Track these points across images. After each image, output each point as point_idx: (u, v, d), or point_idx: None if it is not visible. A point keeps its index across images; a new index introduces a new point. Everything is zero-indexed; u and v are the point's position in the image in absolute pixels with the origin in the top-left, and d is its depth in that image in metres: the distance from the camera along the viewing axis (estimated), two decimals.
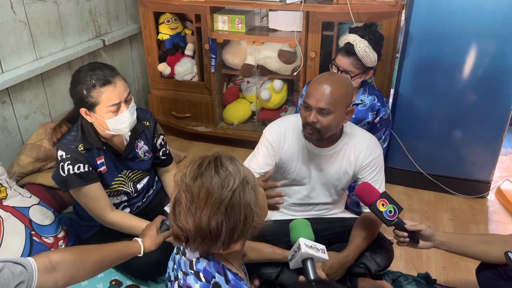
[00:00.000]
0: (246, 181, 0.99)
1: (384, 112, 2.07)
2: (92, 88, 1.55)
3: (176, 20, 2.90)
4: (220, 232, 0.95)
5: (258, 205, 1.01)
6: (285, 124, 1.74)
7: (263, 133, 1.76)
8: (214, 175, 0.96)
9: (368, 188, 1.52)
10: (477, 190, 2.47)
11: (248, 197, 0.98)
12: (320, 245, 1.26)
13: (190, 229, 0.96)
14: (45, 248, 1.83)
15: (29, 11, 2.20)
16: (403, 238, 1.48)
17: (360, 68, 1.95)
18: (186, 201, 0.96)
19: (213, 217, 0.94)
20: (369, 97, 2.07)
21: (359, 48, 1.91)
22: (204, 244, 0.98)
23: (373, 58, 1.94)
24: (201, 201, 0.95)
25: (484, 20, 2.07)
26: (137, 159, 1.83)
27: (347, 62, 1.95)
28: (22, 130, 2.26)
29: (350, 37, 1.96)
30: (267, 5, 2.53)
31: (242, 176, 0.98)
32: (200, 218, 0.94)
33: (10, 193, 1.86)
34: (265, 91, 2.82)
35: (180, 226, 0.97)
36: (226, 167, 0.98)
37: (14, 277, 1.00)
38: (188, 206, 0.96)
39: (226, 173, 0.97)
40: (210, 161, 0.99)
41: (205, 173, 0.97)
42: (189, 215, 0.96)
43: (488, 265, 1.52)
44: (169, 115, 3.10)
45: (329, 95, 1.50)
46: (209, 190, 0.95)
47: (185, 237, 0.98)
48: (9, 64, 2.13)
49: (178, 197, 0.98)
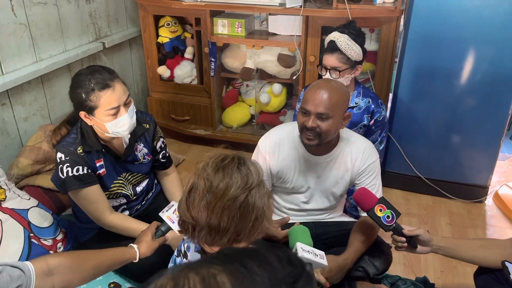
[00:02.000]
0: (263, 185, 1.01)
1: (379, 114, 2.08)
2: (91, 92, 1.55)
3: (176, 24, 2.91)
4: (228, 228, 0.96)
5: (270, 211, 1.02)
6: (280, 134, 1.74)
7: (257, 146, 1.76)
8: (236, 171, 0.98)
9: (366, 194, 1.52)
10: (475, 194, 2.48)
11: (263, 200, 0.99)
12: (319, 251, 1.27)
13: (201, 217, 0.96)
14: (43, 251, 1.83)
15: (30, 13, 2.21)
16: (401, 243, 1.49)
17: (346, 62, 1.97)
18: (203, 188, 0.97)
19: (226, 210, 0.95)
20: (364, 100, 2.08)
21: (341, 43, 1.94)
22: (210, 236, 0.98)
23: (357, 51, 1.96)
24: (219, 192, 0.96)
25: (483, 25, 2.08)
26: (137, 162, 1.83)
27: (333, 58, 1.97)
28: (21, 132, 2.27)
29: (331, 35, 2.00)
30: (267, 9, 2.54)
31: (261, 178, 1.00)
32: (213, 209, 0.95)
33: (9, 195, 1.86)
34: (264, 95, 2.83)
35: (192, 214, 0.98)
36: (248, 166, 1.00)
37: (12, 280, 1.00)
38: (205, 194, 0.97)
39: (247, 171, 0.99)
40: (234, 157, 1.01)
41: (228, 167, 0.99)
42: (203, 203, 0.96)
43: (486, 269, 1.52)
44: (168, 118, 3.11)
45: (328, 100, 1.50)
46: (228, 184, 0.96)
47: (193, 226, 0.99)
48: (9, 66, 2.13)
49: (196, 184, 0.99)
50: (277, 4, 2.49)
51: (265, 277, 0.47)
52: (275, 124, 2.84)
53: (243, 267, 0.48)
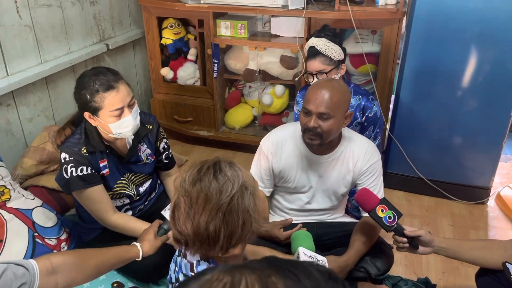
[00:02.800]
0: (245, 187, 1.00)
1: (370, 110, 2.08)
2: (95, 93, 1.57)
3: (179, 25, 2.93)
4: (218, 237, 0.97)
5: (257, 211, 1.02)
6: (281, 134, 1.75)
7: (260, 146, 1.77)
8: (212, 181, 0.97)
9: (368, 194, 1.53)
10: (477, 196, 2.48)
11: (247, 203, 0.99)
12: (321, 256, 1.28)
13: (188, 233, 0.97)
14: (47, 250, 1.85)
15: (35, 15, 2.23)
16: (402, 243, 1.49)
17: (330, 63, 1.99)
18: (185, 206, 0.98)
19: (211, 222, 0.95)
20: (354, 97, 2.09)
21: (320, 46, 1.97)
22: (203, 248, 0.99)
23: (337, 50, 1.99)
24: (199, 206, 0.96)
25: (485, 27, 2.09)
26: (140, 163, 1.85)
27: (316, 62, 1.99)
28: (26, 132, 2.29)
29: (309, 42, 2.04)
30: (270, 11, 2.55)
31: (241, 181, 0.99)
32: (198, 223, 0.96)
33: (14, 195, 1.88)
34: (267, 96, 2.84)
35: (179, 230, 0.99)
36: (225, 172, 0.99)
37: (16, 278, 1.01)
38: (187, 211, 0.97)
39: (224, 179, 0.98)
40: (209, 166, 1.00)
41: (204, 179, 0.98)
42: (187, 219, 0.97)
43: (487, 270, 1.53)
44: (171, 119, 3.12)
45: (329, 100, 1.51)
46: (207, 195, 0.96)
47: (185, 241, 1.00)
48: (14, 67, 2.15)
49: (178, 202, 1.00)
50: (279, 6, 2.50)
51: (311, 287, 0.47)
52: (277, 125, 2.83)
53: (293, 274, 0.48)
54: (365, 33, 2.55)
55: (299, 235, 1.31)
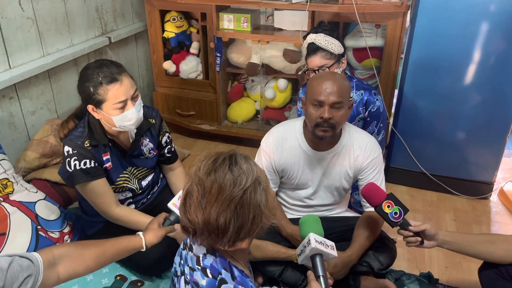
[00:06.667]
0: (259, 182, 1.00)
1: (372, 105, 2.07)
2: (99, 86, 1.56)
3: (182, 19, 2.91)
4: (227, 229, 0.97)
5: (268, 206, 1.02)
6: (282, 131, 1.74)
7: (261, 144, 1.76)
8: (227, 172, 0.97)
9: (375, 189, 1.52)
10: (480, 191, 2.48)
11: (259, 198, 0.99)
12: (330, 241, 1.27)
13: (198, 222, 0.97)
14: (51, 243, 1.85)
15: (37, 8, 2.21)
16: (413, 238, 1.47)
17: (331, 58, 1.97)
18: (197, 194, 0.98)
19: (222, 213, 0.95)
20: (357, 93, 2.08)
21: (319, 41, 1.95)
22: (211, 238, 0.99)
23: (337, 44, 1.97)
24: (212, 196, 0.96)
25: (489, 22, 2.07)
26: (142, 156, 1.85)
27: (317, 58, 1.96)
28: (28, 125, 2.28)
29: (307, 39, 2.01)
30: (273, 4, 2.54)
31: (255, 176, 0.99)
32: (210, 213, 0.96)
33: (17, 188, 1.88)
34: (270, 90, 2.83)
35: (189, 218, 0.99)
36: (240, 165, 0.99)
37: (22, 270, 1.02)
38: (199, 200, 0.97)
39: (239, 171, 0.98)
40: (225, 158, 1.00)
41: (219, 169, 0.98)
42: (199, 208, 0.97)
43: (490, 265, 1.53)
44: (174, 113, 3.12)
45: (337, 88, 1.51)
46: (221, 186, 0.96)
47: (193, 229, 1.00)
48: (16, 60, 2.15)
49: (190, 190, 1.00)
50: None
51: None
52: (280, 119, 2.86)
53: None
54: (369, 27, 2.53)
55: (308, 219, 1.29)
